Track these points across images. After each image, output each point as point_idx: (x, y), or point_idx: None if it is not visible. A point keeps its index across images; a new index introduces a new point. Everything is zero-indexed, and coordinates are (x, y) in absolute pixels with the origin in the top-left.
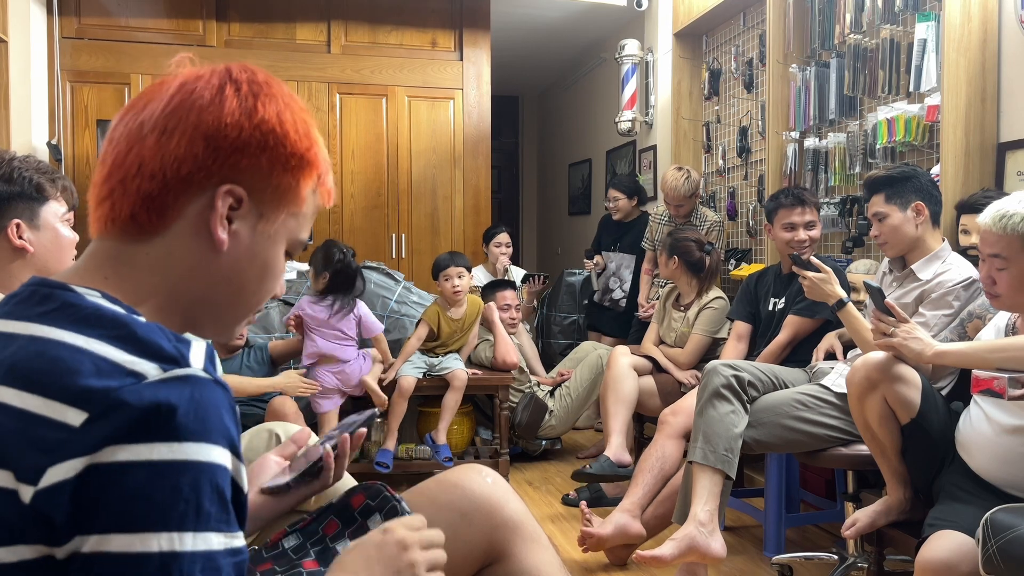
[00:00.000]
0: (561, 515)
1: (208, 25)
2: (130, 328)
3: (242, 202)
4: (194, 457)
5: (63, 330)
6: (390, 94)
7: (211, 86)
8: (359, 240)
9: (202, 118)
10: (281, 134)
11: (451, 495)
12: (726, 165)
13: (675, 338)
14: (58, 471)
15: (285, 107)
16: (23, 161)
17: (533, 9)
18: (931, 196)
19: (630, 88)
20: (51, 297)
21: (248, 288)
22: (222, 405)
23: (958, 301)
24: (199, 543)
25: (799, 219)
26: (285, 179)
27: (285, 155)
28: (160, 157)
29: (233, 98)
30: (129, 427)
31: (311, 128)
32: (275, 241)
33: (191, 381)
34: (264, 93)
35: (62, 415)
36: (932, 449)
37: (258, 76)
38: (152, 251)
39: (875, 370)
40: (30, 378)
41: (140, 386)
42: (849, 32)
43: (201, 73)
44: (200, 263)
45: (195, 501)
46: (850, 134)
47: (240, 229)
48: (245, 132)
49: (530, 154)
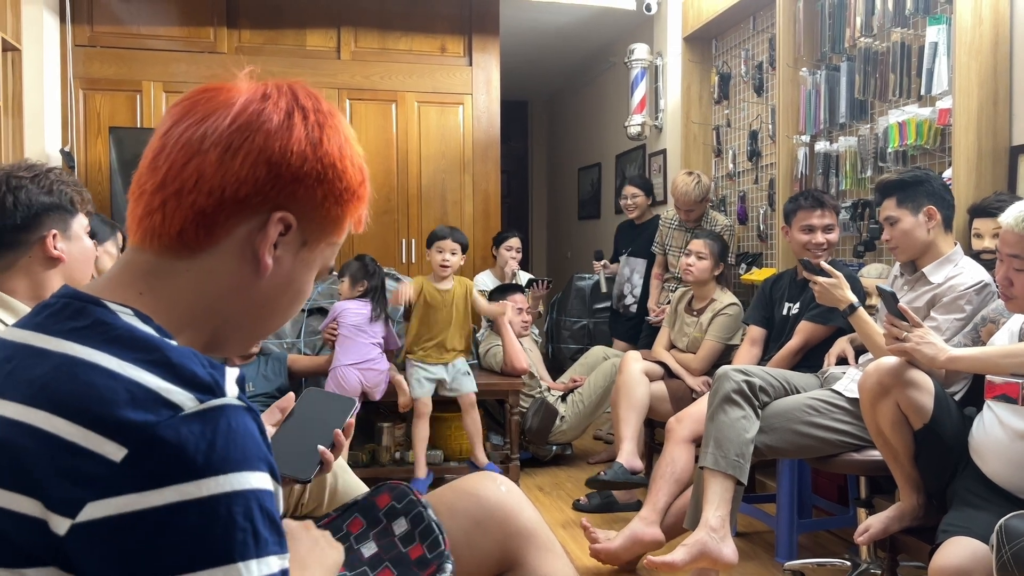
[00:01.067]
0: (572, 521)
1: (219, 32)
2: (163, 352)
3: (290, 229)
4: (241, 486)
5: (96, 351)
6: (400, 100)
7: (279, 110)
8: (369, 245)
9: (268, 143)
10: (341, 169)
11: (466, 503)
12: (736, 169)
13: (687, 343)
14: (101, 507)
15: (346, 141)
16: (58, 174)
17: (542, 14)
18: (943, 200)
19: (639, 92)
20: (84, 312)
21: (279, 311)
22: (256, 430)
23: (970, 305)
24: (263, 568)
25: (818, 222)
26: (335, 211)
27: (340, 189)
28: (221, 175)
29: (301, 127)
30: (172, 467)
31: (363, 163)
32: (312, 267)
33: (227, 411)
34: (329, 125)
35: (99, 447)
36: (945, 455)
37: (323, 106)
38: (193, 268)
39: (887, 375)
40: (62, 402)
41: (178, 421)
42: (859, 35)
43: (267, 92)
44: (240, 285)
45: (251, 529)
46: (861, 138)
47: (283, 255)
48: (308, 163)
49: (539, 158)
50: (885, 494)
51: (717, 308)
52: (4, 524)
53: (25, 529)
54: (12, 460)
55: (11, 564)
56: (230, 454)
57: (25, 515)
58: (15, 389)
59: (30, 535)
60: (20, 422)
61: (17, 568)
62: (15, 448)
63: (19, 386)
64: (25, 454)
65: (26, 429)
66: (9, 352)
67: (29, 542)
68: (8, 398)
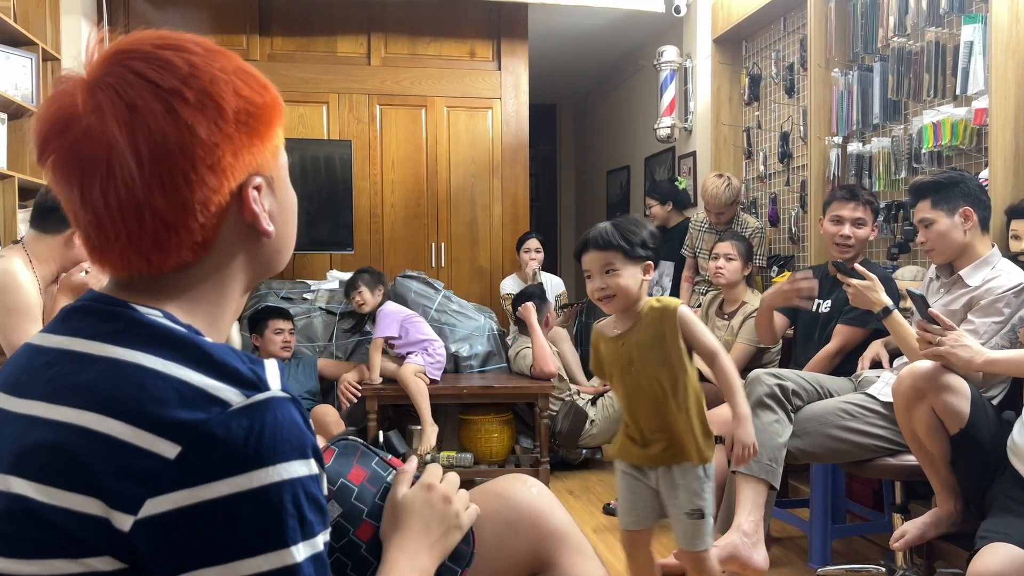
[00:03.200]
0: (603, 525)
1: (251, 40)
2: (204, 350)
3: (260, 186)
4: (289, 475)
5: (139, 352)
6: (429, 104)
7: (156, 111)
8: (399, 249)
9: (185, 147)
10: (255, 110)
11: (496, 505)
12: (767, 171)
13: None
14: (160, 503)
15: (235, 82)
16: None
17: (571, 18)
18: (979, 201)
19: (669, 94)
20: (116, 315)
21: (291, 236)
22: (300, 419)
23: (1008, 308)
24: (310, 548)
25: (848, 214)
26: (272, 135)
27: (264, 121)
28: (182, 208)
29: (188, 108)
30: (224, 461)
31: (256, 74)
32: (287, 185)
33: (272, 404)
34: (207, 80)
35: (154, 446)
36: (983, 459)
37: (180, 68)
38: (202, 270)
39: (922, 379)
40: (114, 405)
41: (227, 416)
42: (893, 35)
43: (133, 102)
44: (254, 255)
45: (299, 515)
46: (895, 138)
47: (270, 205)
48: (234, 135)
49: (568, 162)
50: (921, 499)
51: (748, 311)
52: (66, 522)
53: (87, 526)
54: (71, 462)
55: (74, 555)
56: (278, 445)
57: (87, 514)
58: (63, 394)
59: (93, 531)
60: (74, 425)
61: (79, 558)
62: (71, 450)
63: (67, 391)
64: (82, 455)
65: (80, 431)
66: (49, 358)
67: (91, 536)
68: (58, 402)
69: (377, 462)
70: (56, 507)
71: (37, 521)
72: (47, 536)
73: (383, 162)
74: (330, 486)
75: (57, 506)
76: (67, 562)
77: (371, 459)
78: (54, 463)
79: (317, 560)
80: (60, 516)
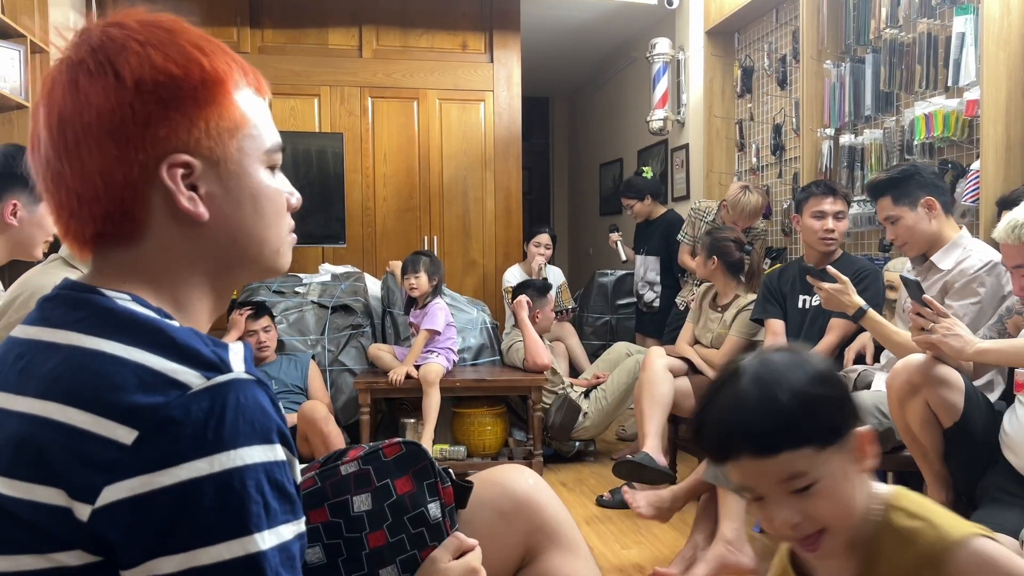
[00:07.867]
0: (596, 517)
1: (242, 32)
2: (167, 334)
3: (191, 164)
4: (252, 460)
5: (102, 339)
6: (421, 97)
7: (64, 83)
8: (391, 242)
9: (81, 114)
10: (168, 81)
11: (492, 493)
12: (759, 163)
13: (711, 339)
14: (116, 490)
15: (147, 52)
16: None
17: (563, 10)
18: (937, 187)
19: (661, 87)
20: (83, 302)
21: (254, 228)
22: (267, 402)
23: (983, 287)
24: (275, 538)
25: (829, 208)
26: (207, 113)
27: (186, 96)
28: (82, 175)
29: (87, 77)
30: (184, 445)
31: (187, 47)
32: (247, 172)
33: (234, 386)
34: (114, 50)
35: (112, 432)
36: (976, 452)
37: (94, 40)
38: (149, 249)
39: (916, 373)
40: (74, 393)
41: (186, 399)
42: (885, 27)
43: (55, 77)
44: (197, 240)
45: (263, 501)
46: (887, 130)
47: (209, 188)
48: (136, 105)
49: (561, 155)
50: (913, 490)
51: (741, 304)
52: (33, 515)
53: (53, 518)
54: (35, 454)
55: (42, 550)
56: (240, 428)
57: (52, 505)
58: (30, 384)
59: (58, 523)
60: (38, 416)
61: (47, 553)
62: (36, 442)
63: (33, 381)
64: (46, 447)
65: (44, 422)
66: (22, 349)
67: (58, 529)
68: (25, 393)
69: (430, 484)
70: (22, 500)
71: (5, 516)
72: (14, 532)
73: (375, 155)
74: (375, 480)
75: (23, 499)
76: (34, 558)
77: (426, 478)
78: (20, 456)
79: (283, 551)
80: (27, 509)
